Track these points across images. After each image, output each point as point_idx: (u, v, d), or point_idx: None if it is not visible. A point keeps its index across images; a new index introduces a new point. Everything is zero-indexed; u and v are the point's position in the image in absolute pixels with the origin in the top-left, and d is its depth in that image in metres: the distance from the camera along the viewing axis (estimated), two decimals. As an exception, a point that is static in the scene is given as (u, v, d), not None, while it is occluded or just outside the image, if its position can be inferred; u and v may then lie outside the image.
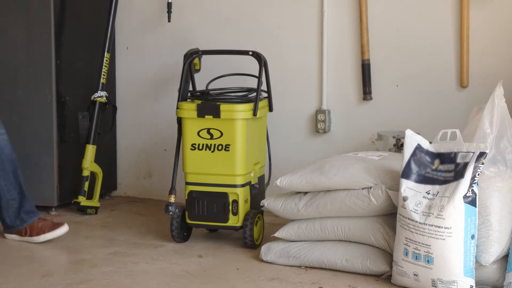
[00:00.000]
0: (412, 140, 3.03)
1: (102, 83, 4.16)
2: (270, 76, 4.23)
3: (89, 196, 4.19)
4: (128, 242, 3.64)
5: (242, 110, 3.50)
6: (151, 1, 4.41)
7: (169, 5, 4.34)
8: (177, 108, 3.57)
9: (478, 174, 2.86)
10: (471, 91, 3.83)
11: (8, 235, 3.66)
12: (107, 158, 4.46)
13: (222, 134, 3.49)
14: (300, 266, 3.26)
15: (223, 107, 3.48)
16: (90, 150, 4.16)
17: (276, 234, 3.33)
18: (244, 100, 3.57)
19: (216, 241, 3.66)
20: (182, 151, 3.58)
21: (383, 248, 3.12)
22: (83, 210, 4.17)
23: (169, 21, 4.36)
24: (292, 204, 3.28)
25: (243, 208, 3.51)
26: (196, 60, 3.71)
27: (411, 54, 3.94)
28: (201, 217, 3.53)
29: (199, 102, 3.54)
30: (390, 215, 3.14)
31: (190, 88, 3.80)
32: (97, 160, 4.18)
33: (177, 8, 4.37)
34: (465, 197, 2.83)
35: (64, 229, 3.63)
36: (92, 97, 4.15)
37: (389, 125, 3.93)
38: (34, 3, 4.04)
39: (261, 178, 3.71)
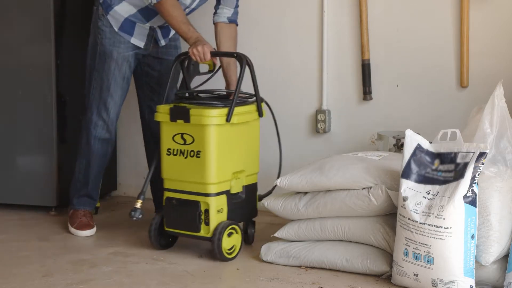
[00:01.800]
0: (412, 140, 3.03)
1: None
2: (270, 76, 4.24)
3: (89, 196, 4.18)
4: (128, 242, 3.64)
5: (215, 116, 3.30)
6: (151, 1, 4.41)
7: (169, 5, 4.34)
8: (156, 111, 3.47)
9: (478, 174, 2.86)
10: (471, 91, 3.83)
11: None
12: (107, 158, 4.46)
13: (193, 139, 3.34)
14: (300, 266, 3.26)
15: (193, 111, 3.32)
16: (90, 150, 4.16)
17: (276, 234, 3.33)
18: (221, 104, 3.37)
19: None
20: (161, 156, 3.46)
21: (383, 248, 3.12)
22: (83, 210, 4.16)
23: (169, 21, 4.36)
24: (292, 204, 3.28)
25: (215, 218, 3.33)
26: (209, 61, 3.52)
27: (411, 54, 3.94)
28: (176, 225, 3.41)
29: (172, 105, 3.41)
30: (390, 215, 3.14)
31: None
32: (97, 160, 4.18)
33: (177, 8, 4.37)
34: (465, 197, 2.83)
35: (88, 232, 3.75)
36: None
37: (389, 125, 3.93)
38: (34, 3, 4.04)
39: (249, 187, 3.49)
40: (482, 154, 2.86)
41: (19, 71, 4.10)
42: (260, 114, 3.54)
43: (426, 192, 2.93)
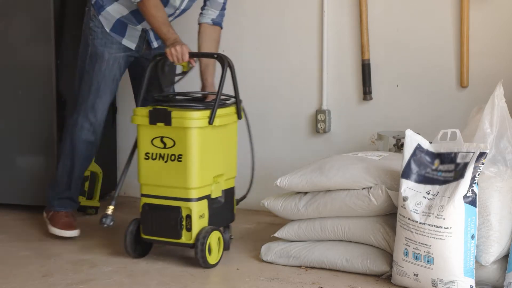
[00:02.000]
0: (412, 140, 3.03)
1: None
2: (270, 75, 4.24)
3: (89, 196, 4.18)
4: (128, 242, 3.63)
5: (197, 118, 3.20)
6: (151, 1, 4.41)
7: (169, 5, 4.35)
8: (133, 114, 3.34)
9: (478, 174, 2.86)
10: (471, 91, 3.83)
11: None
12: (107, 158, 4.46)
13: (174, 143, 3.22)
14: (300, 266, 3.26)
15: (175, 114, 3.21)
16: (90, 150, 4.16)
17: (276, 234, 3.33)
18: (202, 106, 3.28)
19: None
20: (137, 160, 3.35)
21: (383, 248, 3.12)
22: (83, 210, 4.16)
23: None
24: (292, 204, 3.28)
25: (197, 224, 3.22)
26: (185, 63, 3.42)
27: (411, 54, 3.94)
28: (154, 232, 3.28)
29: (151, 108, 3.30)
30: (390, 215, 3.14)
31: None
32: (97, 160, 4.18)
33: (177, 8, 4.37)
34: (465, 197, 2.83)
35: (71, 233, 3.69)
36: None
37: (389, 125, 3.93)
38: (34, 3, 4.04)
39: (228, 191, 3.42)
40: (482, 154, 2.86)
41: (19, 71, 4.10)
42: (239, 116, 3.45)
43: (426, 192, 2.93)
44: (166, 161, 3.24)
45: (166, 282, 3.10)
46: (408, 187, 2.97)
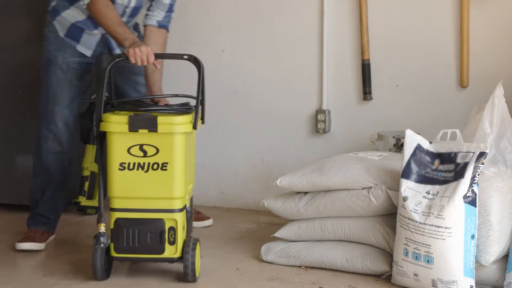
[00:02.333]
0: (412, 140, 3.03)
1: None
2: (270, 75, 4.24)
3: (89, 196, 4.18)
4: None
5: (183, 123, 3.01)
6: (151, 1, 4.41)
7: (169, 5, 4.34)
8: (101, 120, 3.04)
9: (478, 174, 2.86)
10: (471, 91, 3.83)
11: None
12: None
13: (158, 150, 2.99)
14: (300, 266, 3.26)
15: (161, 119, 2.99)
16: (90, 150, 4.15)
17: (276, 234, 3.33)
18: (181, 110, 3.09)
19: (216, 241, 3.66)
20: (107, 172, 3.06)
21: (383, 248, 3.12)
22: (83, 210, 4.17)
23: (169, 21, 4.36)
24: (292, 204, 3.28)
25: (181, 236, 3.03)
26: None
27: (411, 54, 3.95)
28: (130, 248, 3.02)
29: (131, 113, 3.03)
30: (390, 215, 3.14)
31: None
32: (96, 160, 4.18)
33: (177, 8, 4.36)
34: (465, 197, 2.83)
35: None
36: (92, 97, 4.14)
37: (389, 125, 3.93)
38: (34, 3, 4.04)
39: (191, 200, 3.29)
40: (482, 154, 2.86)
41: (19, 71, 4.09)
42: (203, 121, 3.23)
43: (426, 192, 2.93)
44: (146, 171, 3.00)
45: (167, 281, 3.09)
46: (408, 187, 2.97)
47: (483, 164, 2.86)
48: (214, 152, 4.35)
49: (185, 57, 3.16)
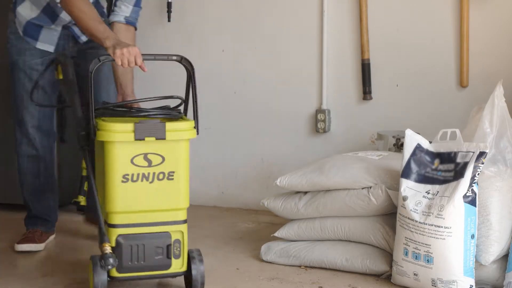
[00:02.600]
0: (412, 139, 3.03)
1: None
2: (270, 75, 4.24)
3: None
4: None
5: (188, 129, 2.82)
6: (151, 0, 4.41)
7: (169, 5, 4.35)
8: (98, 129, 2.77)
9: (478, 174, 2.86)
10: (471, 90, 3.83)
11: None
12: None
13: (164, 159, 2.78)
14: (300, 266, 3.26)
15: (169, 126, 2.78)
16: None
17: (276, 234, 3.33)
18: (179, 116, 2.91)
19: (216, 241, 3.66)
20: (105, 185, 2.79)
21: (383, 247, 3.12)
22: (82, 209, 4.16)
23: (169, 21, 4.36)
24: (292, 204, 3.28)
25: (186, 248, 2.86)
26: (59, 68, 3.00)
27: (411, 53, 3.95)
28: (134, 267, 2.79)
29: (136, 120, 2.79)
30: (390, 214, 3.14)
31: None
32: (97, 160, 4.18)
33: (177, 7, 4.38)
34: (465, 196, 2.83)
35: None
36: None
37: (389, 124, 3.93)
38: None
39: None
40: (482, 154, 2.86)
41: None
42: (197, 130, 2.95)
43: (426, 192, 2.93)
44: (151, 182, 2.78)
45: (166, 281, 3.09)
46: (408, 186, 2.97)
47: (483, 163, 2.86)
48: (214, 152, 4.35)
49: (174, 57, 2.90)
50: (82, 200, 4.15)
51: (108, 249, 2.76)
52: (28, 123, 3.37)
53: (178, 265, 2.85)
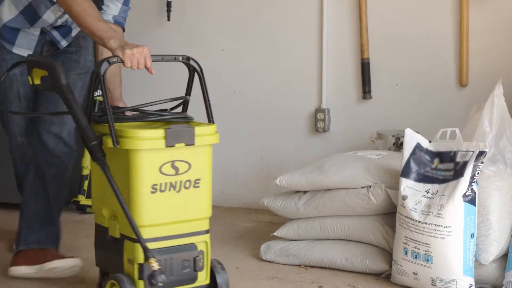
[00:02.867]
0: (411, 139, 3.03)
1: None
2: (270, 75, 4.24)
3: (89, 195, 4.18)
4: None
5: (213, 134, 2.66)
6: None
7: (169, 4, 4.35)
8: (123, 136, 2.54)
9: (478, 173, 2.86)
10: (471, 90, 3.83)
11: None
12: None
13: (190, 166, 2.61)
14: (299, 265, 3.26)
15: (198, 130, 2.62)
16: (90, 149, 4.16)
17: (275, 233, 3.33)
18: (188, 119, 2.75)
19: (216, 240, 3.66)
20: (131, 197, 2.57)
21: (382, 247, 3.12)
22: (82, 209, 4.17)
23: (168, 20, 4.36)
24: (291, 203, 3.28)
25: (209, 259, 2.70)
26: (34, 72, 2.75)
27: (410, 53, 3.95)
28: (166, 285, 2.57)
29: (167, 126, 2.60)
30: (390, 214, 3.14)
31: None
32: (96, 159, 4.18)
33: (177, 7, 4.37)
34: (464, 196, 2.83)
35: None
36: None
37: (389, 124, 3.93)
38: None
39: None
40: (481, 153, 2.86)
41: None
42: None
43: (426, 191, 2.93)
44: (178, 191, 2.60)
45: None
46: (407, 186, 2.97)
47: (482, 163, 2.86)
48: (213, 151, 4.35)
49: (182, 58, 2.74)
50: (81, 199, 4.16)
51: (156, 265, 2.52)
52: (17, 133, 3.17)
53: (202, 278, 2.67)
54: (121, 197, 2.56)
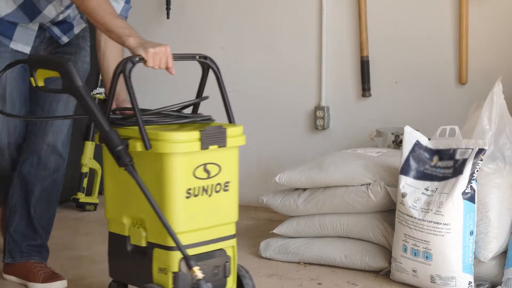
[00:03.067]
0: (411, 136, 3.03)
1: (101, 80, 4.15)
2: (269, 72, 4.24)
3: (88, 193, 4.19)
4: (127, 238, 3.63)
5: (240, 135, 2.59)
6: (150, -3, 4.42)
7: (168, 2, 4.35)
8: (153, 139, 2.42)
9: (477, 171, 2.86)
10: (470, 87, 3.83)
11: None
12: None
13: (220, 169, 2.52)
14: (299, 262, 3.26)
15: (230, 131, 2.53)
16: (89, 147, 4.16)
17: (275, 231, 3.34)
18: (209, 119, 2.65)
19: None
20: (165, 203, 2.45)
21: (382, 244, 3.12)
22: (82, 206, 4.17)
23: (168, 18, 4.36)
24: (291, 201, 3.29)
25: (236, 264, 2.61)
26: (38, 72, 2.57)
27: (410, 50, 3.95)
28: None
29: (202, 128, 2.51)
30: (389, 211, 3.14)
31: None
32: (96, 156, 4.18)
33: (176, 5, 4.37)
34: (463, 193, 2.84)
35: None
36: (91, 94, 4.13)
37: (388, 121, 3.93)
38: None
39: None
40: (481, 151, 2.86)
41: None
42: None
43: (425, 189, 2.93)
44: (210, 195, 2.51)
45: None
46: (407, 183, 2.97)
47: (481, 160, 2.86)
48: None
49: (199, 57, 2.63)
50: (81, 196, 4.16)
51: (200, 274, 2.41)
52: (10, 131, 2.92)
53: (230, 283, 2.57)
54: (155, 204, 2.42)
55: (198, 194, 2.47)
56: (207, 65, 2.64)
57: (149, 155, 2.44)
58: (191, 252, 2.46)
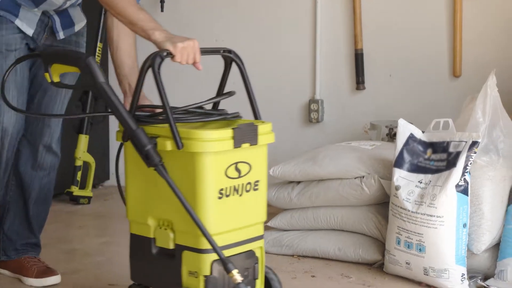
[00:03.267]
0: (405, 129, 3.03)
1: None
2: (264, 65, 4.24)
3: (82, 186, 4.19)
4: (121, 231, 3.63)
5: (270, 132, 2.50)
6: (144, -10, 4.40)
7: (162, -5, 4.34)
8: (185, 138, 2.30)
9: (470, 163, 2.86)
10: (464, 80, 3.83)
11: None
12: (100, 148, 4.45)
13: (250, 167, 2.42)
14: (293, 255, 3.26)
15: (261, 128, 2.45)
16: (83, 140, 4.16)
17: (269, 224, 3.33)
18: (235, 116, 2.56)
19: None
20: (197, 204, 2.33)
21: (375, 237, 3.13)
22: (75, 200, 4.17)
23: (162, 11, 4.35)
24: (285, 194, 3.28)
25: (263, 266, 2.51)
26: (53, 67, 2.44)
27: (404, 43, 3.95)
28: None
29: (235, 125, 2.40)
30: (383, 204, 3.14)
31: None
32: (90, 150, 4.18)
33: (171, -3, 4.37)
34: (457, 186, 2.84)
35: None
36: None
37: (382, 114, 3.93)
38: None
39: None
40: (474, 143, 2.87)
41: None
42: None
43: (419, 181, 2.93)
44: (241, 195, 2.40)
45: None
46: (400, 176, 2.97)
47: (475, 153, 2.87)
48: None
49: (224, 51, 2.54)
50: (75, 190, 4.16)
51: (239, 277, 2.32)
52: (6, 114, 2.76)
53: (258, 286, 2.48)
54: (188, 205, 2.31)
55: (229, 194, 2.37)
56: (230, 59, 2.55)
57: (179, 154, 2.32)
58: (225, 254, 2.36)
